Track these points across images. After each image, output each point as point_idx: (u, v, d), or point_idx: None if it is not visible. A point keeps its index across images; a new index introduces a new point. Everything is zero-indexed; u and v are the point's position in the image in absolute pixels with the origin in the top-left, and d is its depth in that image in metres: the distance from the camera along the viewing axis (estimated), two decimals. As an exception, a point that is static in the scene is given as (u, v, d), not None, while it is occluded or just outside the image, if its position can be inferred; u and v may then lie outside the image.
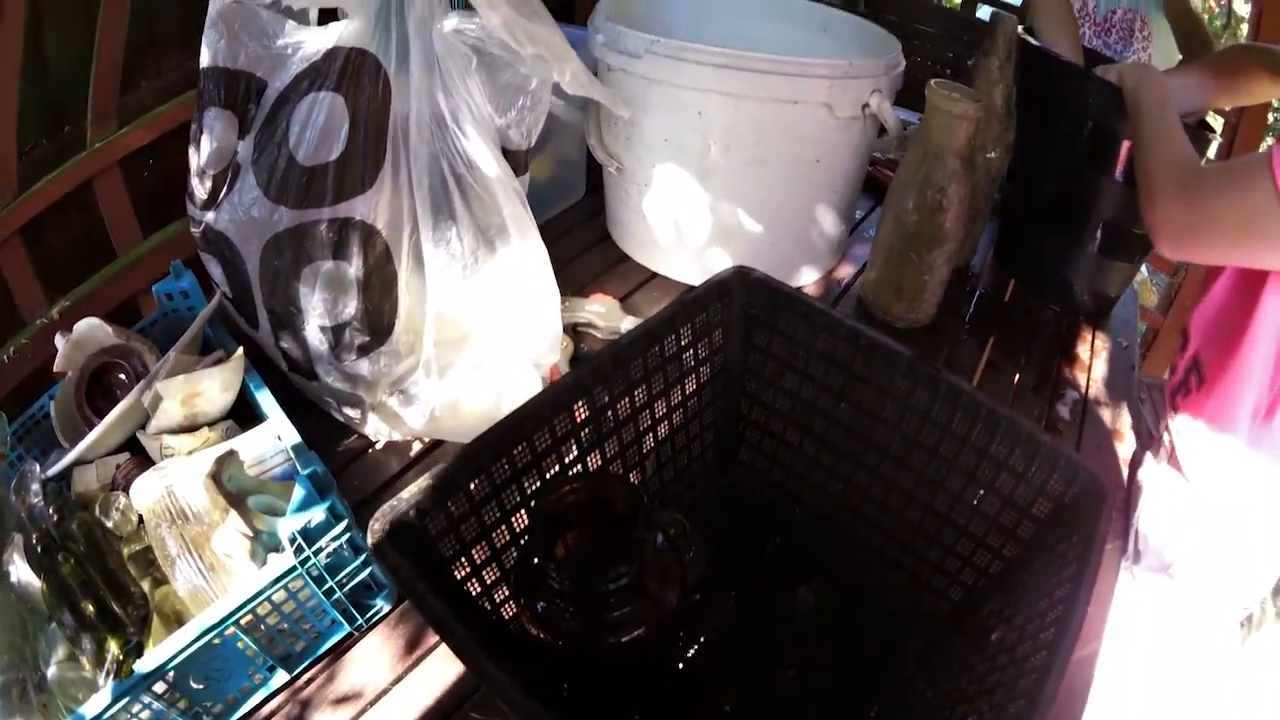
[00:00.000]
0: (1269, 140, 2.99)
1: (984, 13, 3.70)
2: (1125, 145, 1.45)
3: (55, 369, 1.20)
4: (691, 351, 0.99)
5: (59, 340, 1.20)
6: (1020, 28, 1.71)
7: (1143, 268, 4.87)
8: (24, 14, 1.74)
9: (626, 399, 0.93)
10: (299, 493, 0.91)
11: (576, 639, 0.67)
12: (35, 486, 0.94)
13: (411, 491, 0.72)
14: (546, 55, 1.02)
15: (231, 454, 1.02)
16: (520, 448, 0.82)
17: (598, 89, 1.12)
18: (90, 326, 1.21)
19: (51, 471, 1.05)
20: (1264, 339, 1.16)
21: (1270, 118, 3.56)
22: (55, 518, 0.91)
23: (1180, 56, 2.23)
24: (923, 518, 0.96)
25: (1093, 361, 1.64)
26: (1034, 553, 0.86)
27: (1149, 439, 1.52)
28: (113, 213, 2.31)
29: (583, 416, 0.88)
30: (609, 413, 0.91)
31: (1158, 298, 3.77)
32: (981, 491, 0.90)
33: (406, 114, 1.04)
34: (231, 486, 0.99)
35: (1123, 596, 1.52)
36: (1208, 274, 1.34)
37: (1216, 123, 1.64)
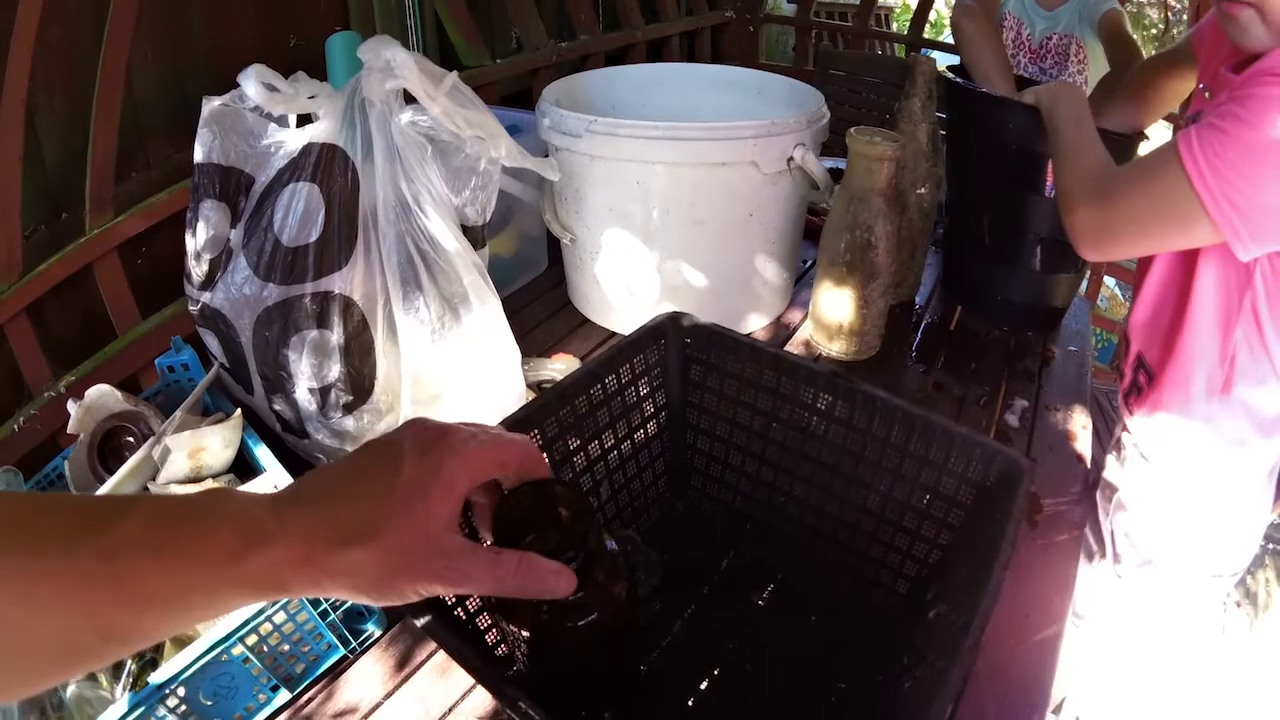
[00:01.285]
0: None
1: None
2: (1050, 163, 1.56)
3: (69, 430, 1.32)
4: (633, 388, 1.11)
5: (71, 405, 1.33)
6: (946, 66, 1.85)
7: (1111, 282, 4.98)
8: (24, 103, 1.88)
9: (573, 433, 1.05)
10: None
11: (545, 629, 0.74)
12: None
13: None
14: (483, 134, 1.17)
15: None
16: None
17: (528, 159, 1.26)
18: (101, 393, 1.34)
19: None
20: (1204, 320, 1.28)
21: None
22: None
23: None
24: (859, 519, 1.06)
25: (1042, 371, 1.75)
26: (966, 537, 0.95)
27: (1109, 440, 1.64)
28: (112, 296, 2.44)
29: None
30: (558, 444, 1.04)
31: (1128, 309, 3.88)
32: (909, 488, 1.00)
33: (374, 199, 1.19)
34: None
35: (1113, 596, 1.63)
36: (1137, 280, 1.46)
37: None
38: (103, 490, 1.19)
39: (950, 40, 2.89)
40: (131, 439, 1.32)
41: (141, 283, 2.54)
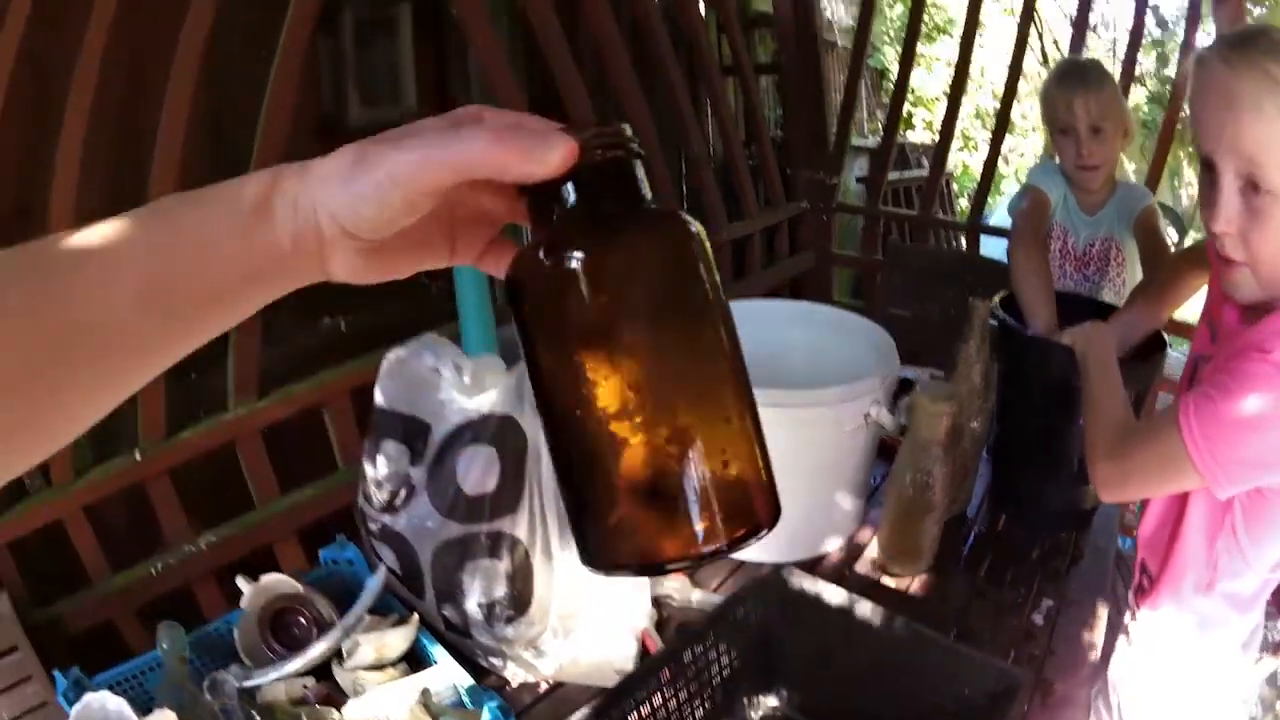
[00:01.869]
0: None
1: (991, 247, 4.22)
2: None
3: (242, 605, 1.62)
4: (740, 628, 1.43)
5: (242, 582, 1.64)
6: (998, 298, 2.16)
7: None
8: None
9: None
10: (487, 714, 1.38)
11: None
12: (232, 691, 1.41)
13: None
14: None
15: (425, 688, 1.47)
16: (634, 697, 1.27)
17: None
18: (275, 580, 1.65)
19: (249, 683, 1.49)
20: (1194, 537, 1.58)
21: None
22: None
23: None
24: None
25: (1070, 569, 2.02)
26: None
27: (1121, 627, 1.92)
28: (254, 471, 2.79)
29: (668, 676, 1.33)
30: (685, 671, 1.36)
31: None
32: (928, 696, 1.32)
33: (539, 456, 1.51)
34: (433, 709, 1.44)
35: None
36: (1144, 504, 1.79)
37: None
38: (294, 664, 1.52)
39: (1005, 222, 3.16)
40: (302, 619, 1.64)
41: (281, 461, 2.89)
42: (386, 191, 0.53)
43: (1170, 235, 4.71)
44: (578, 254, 0.54)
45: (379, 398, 1.63)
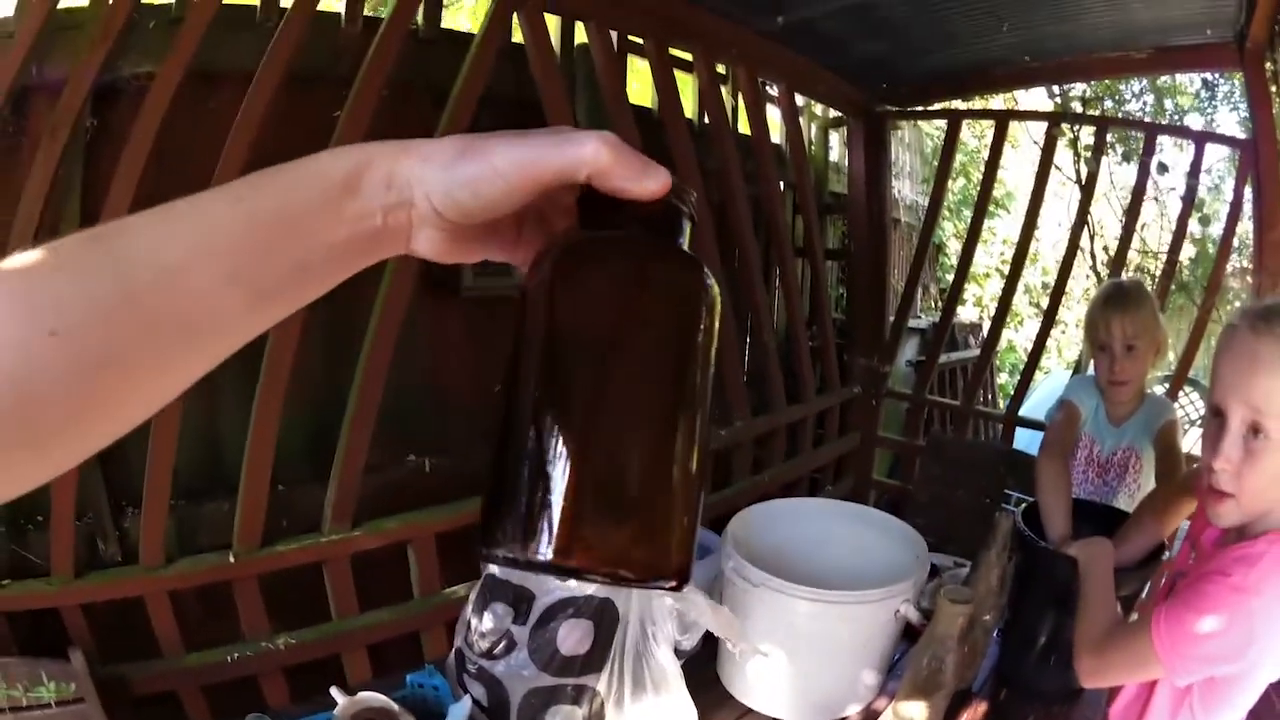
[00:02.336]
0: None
1: (1024, 439, 4.54)
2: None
3: (334, 713, 1.88)
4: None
5: (337, 693, 1.90)
6: (1020, 510, 2.47)
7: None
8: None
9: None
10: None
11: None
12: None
13: None
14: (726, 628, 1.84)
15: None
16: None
17: (732, 631, 1.92)
18: (369, 695, 1.93)
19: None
20: (1159, 713, 1.87)
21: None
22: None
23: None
24: None
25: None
26: None
27: None
28: (338, 590, 3.06)
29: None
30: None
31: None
32: None
33: (626, 625, 1.84)
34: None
35: None
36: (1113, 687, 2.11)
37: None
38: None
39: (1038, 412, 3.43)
40: (387, 730, 1.94)
41: (363, 585, 3.16)
42: (489, 182, 0.59)
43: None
44: (616, 256, 0.63)
45: (492, 567, 1.96)
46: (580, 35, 3.93)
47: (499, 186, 0.59)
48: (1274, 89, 4.05)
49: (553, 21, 3.79)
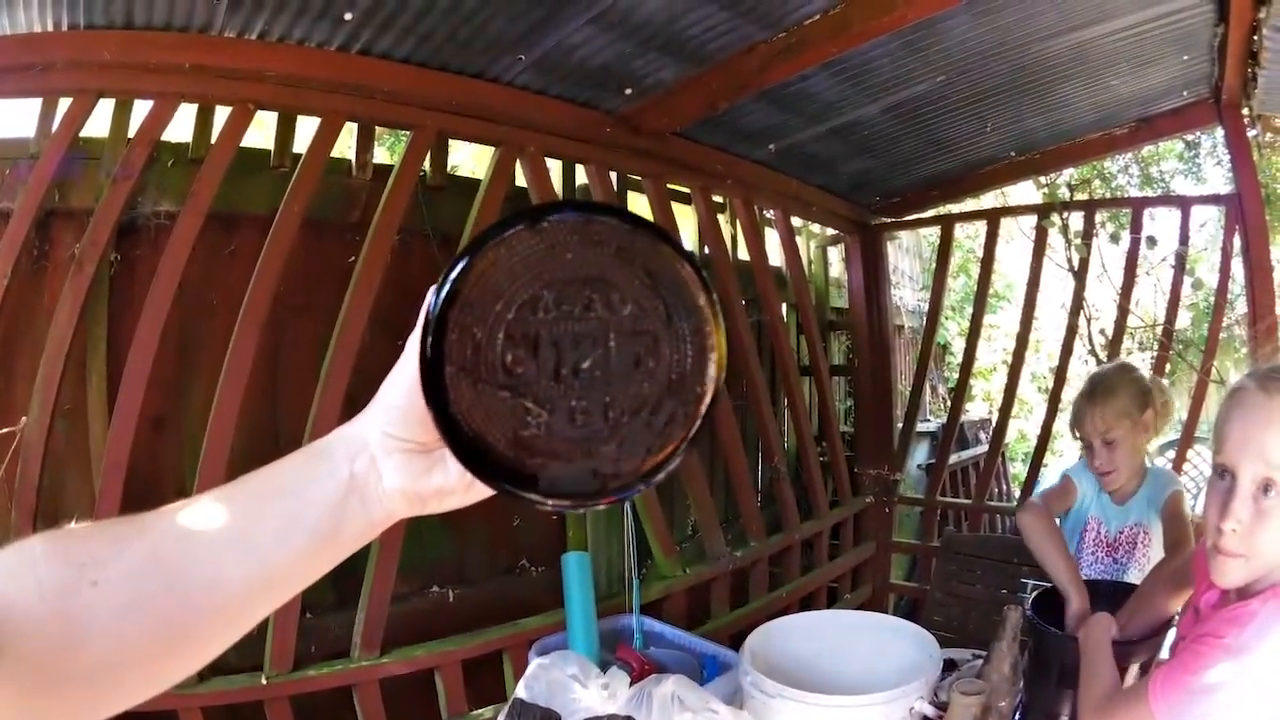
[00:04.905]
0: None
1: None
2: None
3: None
4: None
5: None
6: (1030, 598, 2.51)
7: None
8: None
9: None
10: None
11: None
12: None
13: None
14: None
15: None
16: None
17: None
18: None
19: None
20: None
21: None
22: None
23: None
24: None
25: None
26: None
27: None
28: (368, 714, 3.09)
29: None
30: None
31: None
32: None
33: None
34: None
35: None
36: None
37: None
38: None
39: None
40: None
41: (392, 708, 3.19)
42: (444, 498, 0.77)
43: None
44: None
45: (521, 691, 2.05)
46: (581, 176, 4.07)
47: (455, 500, 0.78)
48: (1252, 134, 4.16)
49: (555, 163, 3.94)
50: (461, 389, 0.68)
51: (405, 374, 0.72)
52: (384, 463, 0.73)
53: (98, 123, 2.79)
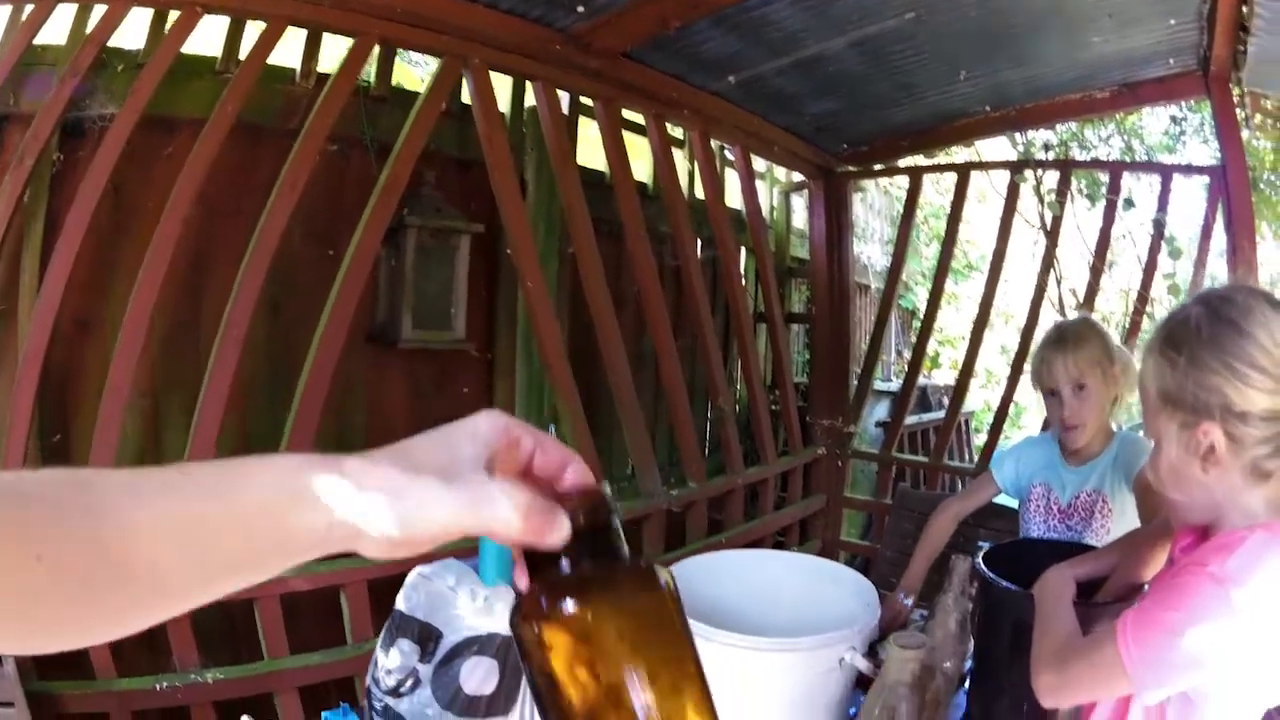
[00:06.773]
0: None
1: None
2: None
3: None
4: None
5: None
6: (981, 554, 2.30)
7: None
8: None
9: None
10: None
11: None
12: None
13: None
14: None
15: None
16: None
17: None
18: None
19: None
20: None
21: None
22: None
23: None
24: None
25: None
26: None
27: None
28: (268, 630, 3.13)
29: None
30: None
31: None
32: None
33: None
34: None
35: None
36: (1086, 711, 1.87)
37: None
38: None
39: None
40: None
41: (294, 627, 3.10)
42: (419, 528, 0.67)
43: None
44: (572, 604, 0.68)
45: (401, 603, 1.82)
46: (531, 98, 3.99)
47: (430, 534, 0.69)
48: (1240, 114, 4.03)
49: (504, 83, 3.90)
50: None
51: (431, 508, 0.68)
52: (364, 545, 0.68)
53: (57, 29, 2.90)
